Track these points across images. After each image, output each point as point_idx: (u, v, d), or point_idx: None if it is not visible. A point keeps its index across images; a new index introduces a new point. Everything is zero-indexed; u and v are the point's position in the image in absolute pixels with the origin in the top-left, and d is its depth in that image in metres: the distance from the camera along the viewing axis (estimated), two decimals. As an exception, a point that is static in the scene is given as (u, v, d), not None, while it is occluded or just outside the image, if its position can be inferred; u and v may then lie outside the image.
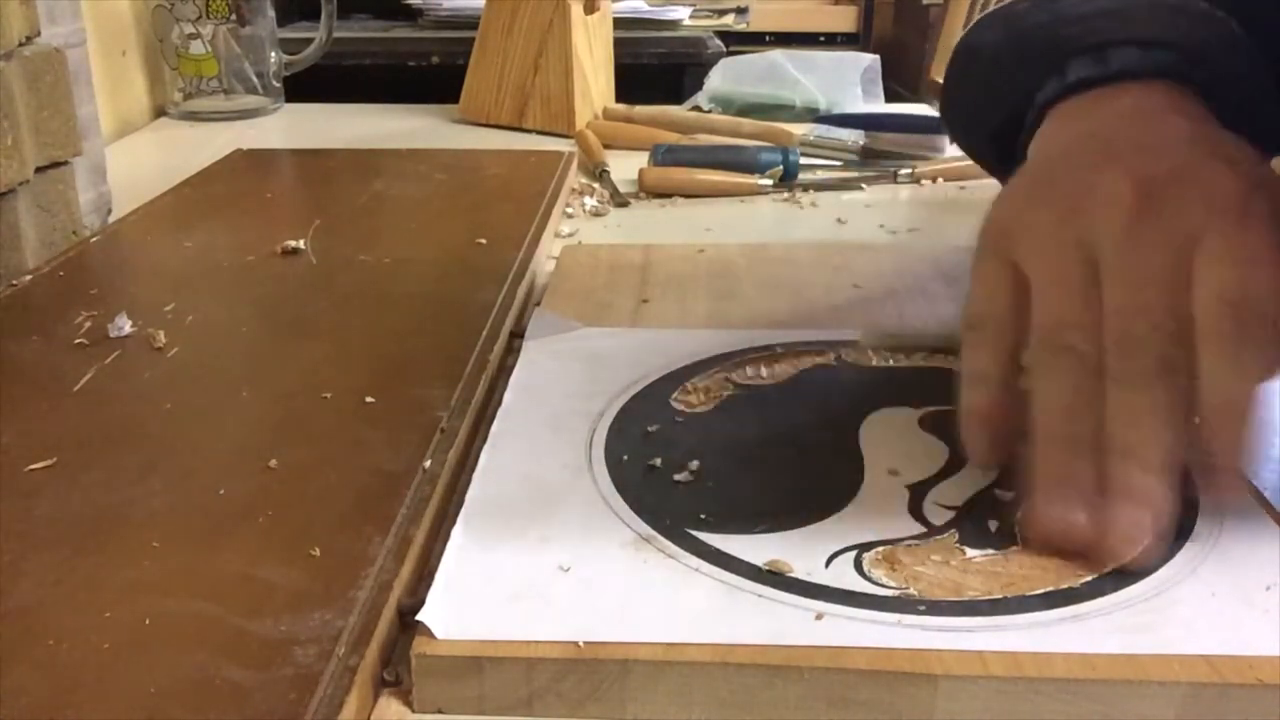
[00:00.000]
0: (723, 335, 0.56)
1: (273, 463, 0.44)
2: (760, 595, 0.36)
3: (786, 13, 3.25)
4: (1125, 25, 0.49)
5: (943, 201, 0.89)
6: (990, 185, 0.60)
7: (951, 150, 1.00)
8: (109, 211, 0.80)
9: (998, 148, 0.56)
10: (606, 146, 1.00)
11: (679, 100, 1.23)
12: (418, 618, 0.34)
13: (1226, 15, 0.49)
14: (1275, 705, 0.32)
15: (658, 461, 0.44)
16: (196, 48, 1.15)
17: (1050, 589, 0.36)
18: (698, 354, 0.53)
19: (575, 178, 0.93)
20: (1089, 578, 0.37)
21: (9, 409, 0.48)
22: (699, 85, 1.20)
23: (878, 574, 0.37)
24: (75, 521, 0.40)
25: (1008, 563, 0.38)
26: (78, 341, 0.55)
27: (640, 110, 1.12)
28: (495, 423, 0.47)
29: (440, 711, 0.34)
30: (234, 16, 1.15)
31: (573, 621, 0.34)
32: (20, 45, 0.67)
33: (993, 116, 0.56)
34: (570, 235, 0.79)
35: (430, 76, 1.41)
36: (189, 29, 1.14)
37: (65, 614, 0.35)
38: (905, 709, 0.33)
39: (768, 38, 2.91)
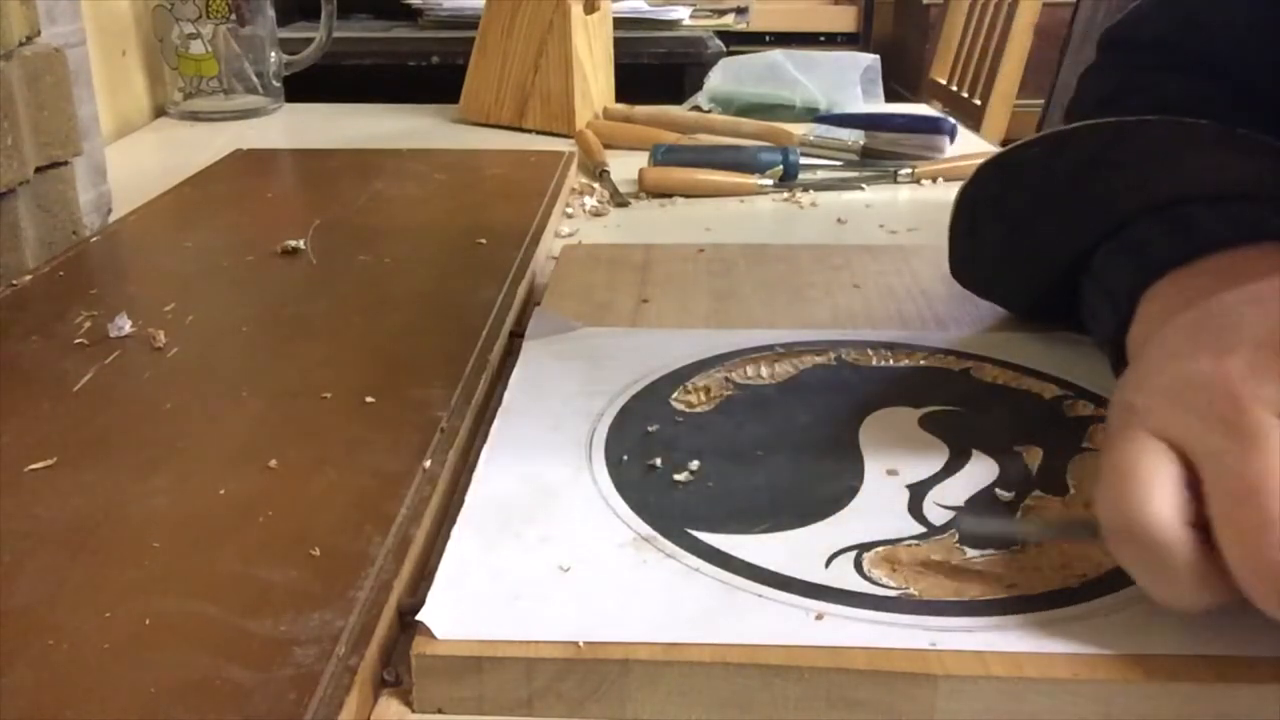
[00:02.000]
0: (723, 335, 0.56)
1: (273, 463, 0.44)
2: (760, 595, 0.36)
3: (786, 13, 3.25)
4: (1174, 175, 0.48)
5: (943, 201, 0.88)
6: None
7: (951, 150, 1.00)
8: (109, 211, 0.80)
9: (1034, 304, 0.56)
10: (606, 146, 1.00)
11: (679, 100, 1.23)
12: (418, 618, 0.34)
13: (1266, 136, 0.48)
14: (1275, 705, 0.32)
15: (658, 461, 0.44)
16: (196, 48, 1.15)
17: (1050, 589, 0.36)
18: (698, 354, 0.53)
19: (575, 178, 0.93)
20: (1089, 577, 0.37)
21: (9, 409, 0.48)
22: (699, 85, 1.20)
23: (878, 574, 0.37)
24: (75, 521, 0.40)
25: (1008, 563, 0.38)
26: (78, 341, 0.55)
27: (640, 110, 1.12)
28: (495, 423, 0.47)
29: (440, 711, 0.34)
30: (234, 16, 1.15)
31: (573, 621, 0.34)
32: (20, 45, 0.67)
33: (1026, 277, 0.55)
34: (570, 235, 0.79)
35: (430, 76, 1.41)
36: (189, 29, 1.14)
37: (65, 614, 0.35)
38: (905, 709, 0.33)
39: (768, 38, 2.91)
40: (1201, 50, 0.56)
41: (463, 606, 0.35)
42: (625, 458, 0.44)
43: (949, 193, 0.93)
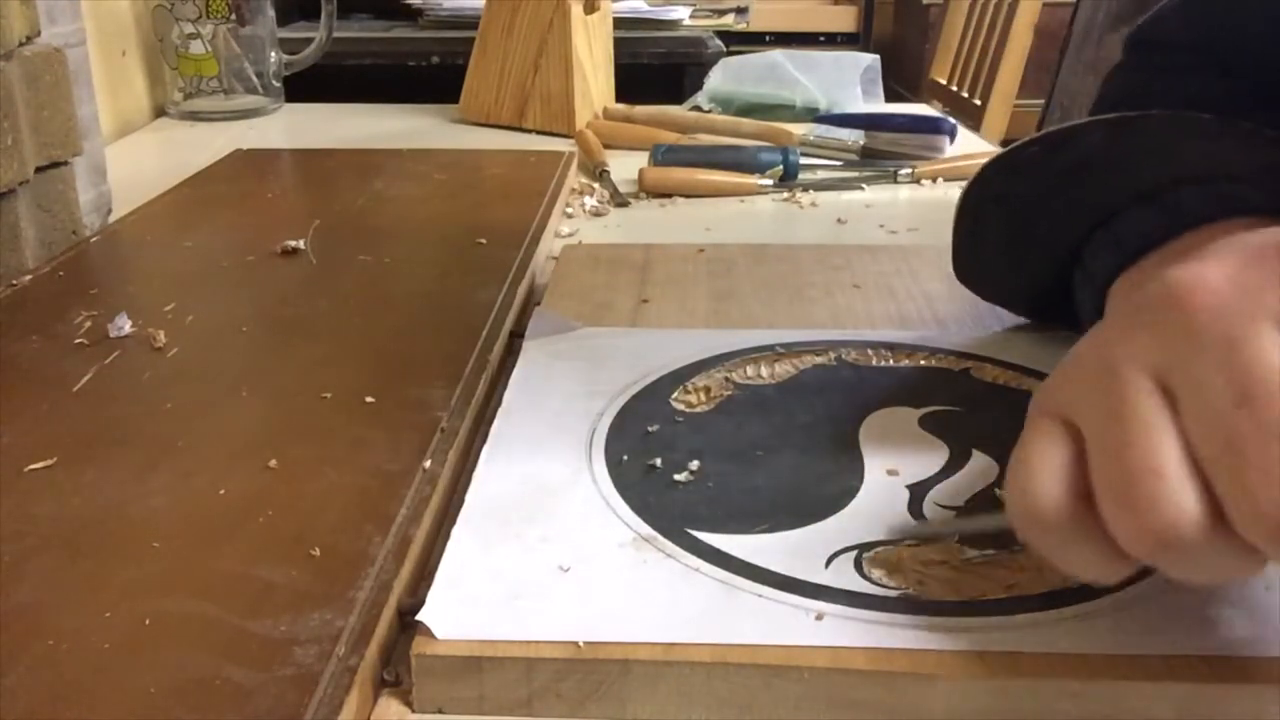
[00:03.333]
0: (723, 335, 0.56)
1: (273, 463, 0.44)
2: (760, 595, 0.36)
3: (786, 13, 3.25)
4: (1169, 163, 0.47)
5: (943, 201, 0.89)
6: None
7: (951, 150, 1.00)
8: (109, 211, 0.80)
9: (1034, 303, 0.56)
10: (606, 146, 1.00)
11: (679, 100, 1.23)
12: (418, 618, 0.34)
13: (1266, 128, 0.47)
14: (1275, 706, 0.32)
15: (658, 461, 0.44)
16: (196, 48, 1.15)
17: (1050, 589, 0.36)
18: (698, 354, 0.53)
19: (575, 178, 0.93)
20: (1089, 578, 0.37)
21: (9, 409, 0.48)
22: (699, 85, 1.20)
23: (878, 574, 0.37)
24: (75, 521, 0.40)
25: (1008, 563, 0.38)
26: (78, 341, 0.55)
27: (640, 110, 1.12)
28: (495, 423, 0.47)
29: (440, 711, 0.34)
30: (234, 16, 1.15)
31: (573, 621, 0.34)
32: (20, 45, 0.67)
33: (1026, 276, 0.55)
34: (570, 235, 0.79)
35: (430, 76, 1.41)
36: (189, 29, 1.14)
37: (65, 614, 0.35)
38: (905, 709, 0.33)
39: (768, 38, 2.91)
40: (1229, 49, 0.56)
41: (463, 606, 0.35)
42: (625, 458, 0.44)
43: (949, 193, 0.93)
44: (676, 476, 0.43)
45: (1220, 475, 0.28)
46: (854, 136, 1.00)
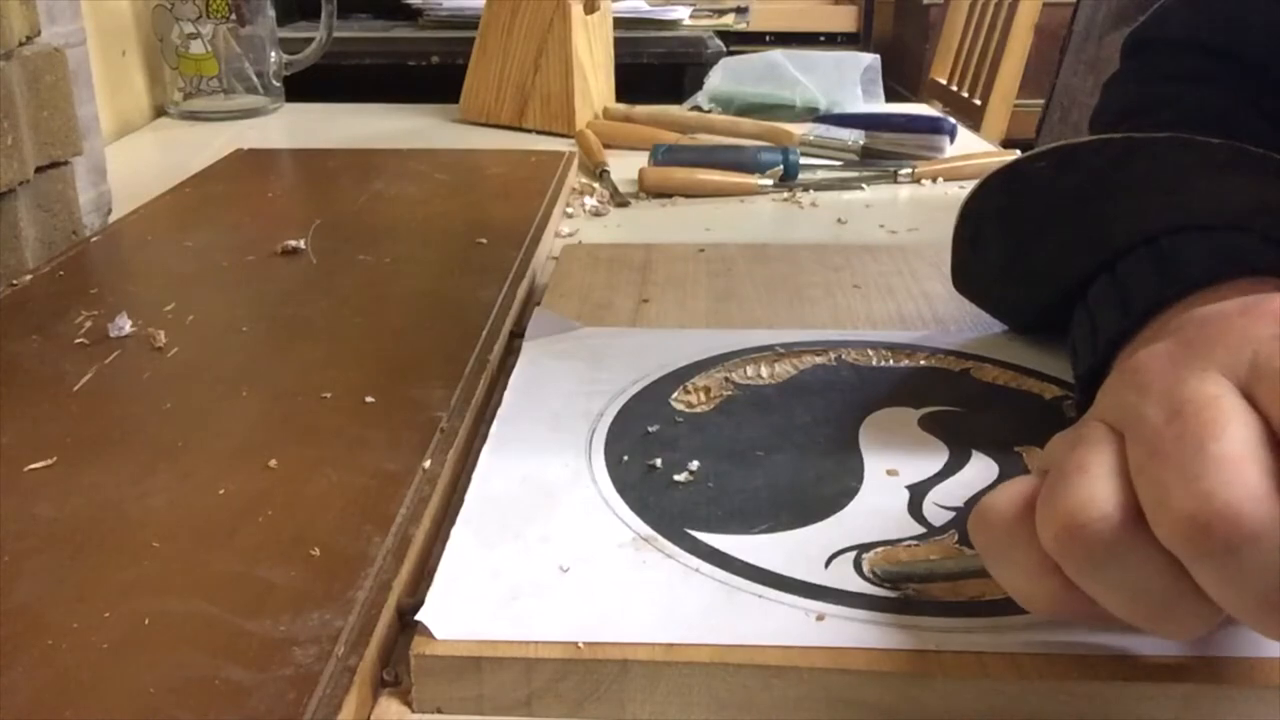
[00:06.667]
0: (723, 335, 0.56)
1: (273, 463, 0.44)
2: (760, 595, 0.36)
3: (786, 13, 3.26)
4: (1175, 201, 0.47)
5: (943, 201, 0.89)
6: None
7: (951, 150, 1.00)
8: (109, 211, 0.80)
9: (1031, 321, 0.56)
10: (606, 146, 1.00)
11: (679, 100, 1.23)
12: (417, 618, 0.34)
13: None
14: (1275, 707, 0.32)
15: (658, 461, 0.44)
16: (196, 47, 1.15)
17: (1050, 589, 0.36)
18: (698, 354, 0.53)
19: (575, 178, 0.93)
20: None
21: (9, 409, 0.48)
22: (699, 85, 1.20)
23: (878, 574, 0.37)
24: (75, 521, 0.40)
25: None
26: (78, 341, 0.55)
27: (640, 110, 1.12)
28: (495, 423, 0.47)
29: (440, 711, 0.34)
30: (234, 16, 1.15)
31: (572, 622, 0.34)
32: (20, 45, 0.67)
33: (1025, 295, 0.54)
34: (570, 235, 0.79)
35: (430, 76, 1.41)
36: (189, 29, 1.14)
37: (65, 614, 0.35)
38: (905, 709, 0.33)
39: (768, 38, 2.92)
40: (1235, 45, 0.55)
41: (462, 606, 0.35)
42: (625, 458, 0.44)
43: (949, 192, 0.93)
44: (676, 477, 0.43)
45: (1143, 481, 0.29)
46: (854, 136, 1.00)
